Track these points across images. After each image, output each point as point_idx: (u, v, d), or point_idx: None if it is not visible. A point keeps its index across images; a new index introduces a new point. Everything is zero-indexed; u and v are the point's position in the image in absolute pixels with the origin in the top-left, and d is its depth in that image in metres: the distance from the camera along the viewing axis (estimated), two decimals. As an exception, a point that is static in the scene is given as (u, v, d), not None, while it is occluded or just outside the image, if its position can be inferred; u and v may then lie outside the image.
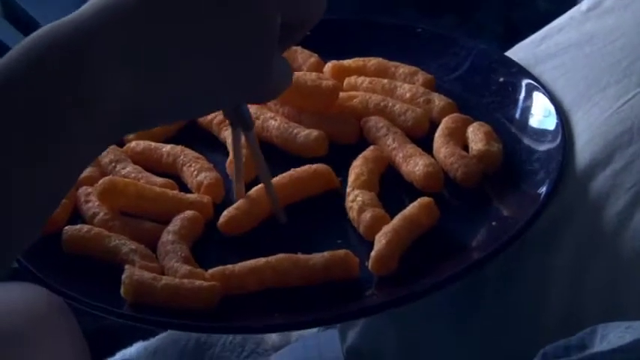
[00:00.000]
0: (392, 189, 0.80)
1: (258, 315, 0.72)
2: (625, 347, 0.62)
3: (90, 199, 0.80)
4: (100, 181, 0.80)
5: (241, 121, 0.75)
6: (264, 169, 0.79)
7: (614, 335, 0.64)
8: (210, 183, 0.80)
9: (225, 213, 0.78)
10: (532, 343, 0.68)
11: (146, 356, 0.87)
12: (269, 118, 0.86)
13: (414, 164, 0.80)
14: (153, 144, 0.86)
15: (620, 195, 0.75)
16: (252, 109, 0.87)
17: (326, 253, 0.73)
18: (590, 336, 0.65)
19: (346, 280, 0.73)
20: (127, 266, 0.73)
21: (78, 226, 0.78)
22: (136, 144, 0.86)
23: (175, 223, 0.77)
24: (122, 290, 0.72)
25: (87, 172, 0.82)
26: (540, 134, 0.82)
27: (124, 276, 0.72)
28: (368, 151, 0.82)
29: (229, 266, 0.73)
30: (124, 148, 0.86)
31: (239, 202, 0.79)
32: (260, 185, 0.79)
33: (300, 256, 0.74)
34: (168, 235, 0.76)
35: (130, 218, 0.79)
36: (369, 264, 0.73)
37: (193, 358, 0.86)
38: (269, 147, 0.84)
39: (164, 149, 0.85)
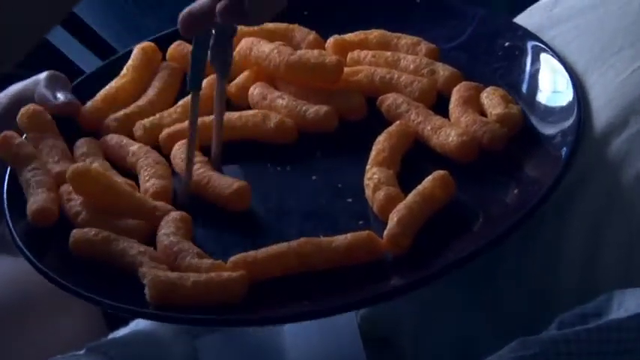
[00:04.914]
0: (416, 166, 0.78)
1: (284, 303, 0.70)
2: (643, 314, 0.61)
3: (72, 197, 0.79)
4: (73, 166, 0.78)
5: (221, 65, 0.80)
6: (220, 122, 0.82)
7: (631, 302, 0.63)
8: (155, 191, 0.79)
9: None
10: (548, 310, 0.67)
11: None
12: (276, 97, 0.85)
13: (445, 135, 0.78)
14: (125, 140, 0.85)
15: (638, 158, 0.73)
16: (258, 89, 0.85)
17: (349, 235, 0.71)
18: (606, 303, 0.64)
19: (371, 262, 0.71)
20: (142, 269, 0.71)
21: (85, 230, 0.76)
22: (110, 137, 0.85)
23: (169, 226, 0.75)
24: (148, 293, 0.69)
25: (64, 168, 0.81)
26: (553, 98, 0.80)
27: (147, 279, 0.70)
28: (393, 127, 0.80)
29: (251, 253, 0.71)
30: (100, 140, 0.85)
31: None
32: None
33: (323, 238, 0.72)
34: (169, 238, 0.74)
35: (112, 216, 0.77)
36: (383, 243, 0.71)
37: None
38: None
39: (131, 148, 0.84)
